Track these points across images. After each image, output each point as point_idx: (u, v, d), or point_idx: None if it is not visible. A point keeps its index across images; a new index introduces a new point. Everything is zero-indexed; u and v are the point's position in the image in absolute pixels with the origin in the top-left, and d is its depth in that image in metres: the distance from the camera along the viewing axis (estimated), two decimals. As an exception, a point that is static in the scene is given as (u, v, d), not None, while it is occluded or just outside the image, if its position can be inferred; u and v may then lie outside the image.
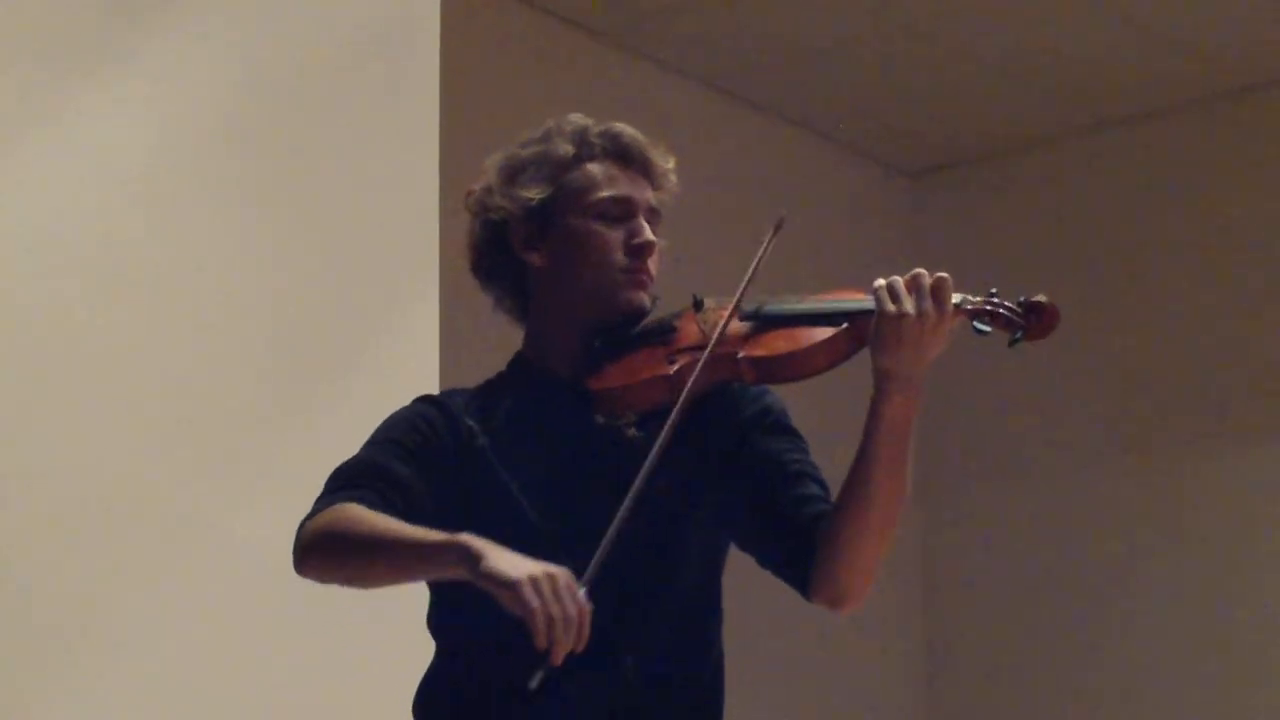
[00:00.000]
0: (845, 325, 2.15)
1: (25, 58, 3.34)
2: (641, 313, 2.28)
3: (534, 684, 1.98)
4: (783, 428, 2.30)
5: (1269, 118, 5.77)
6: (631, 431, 2.17)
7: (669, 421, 2.09)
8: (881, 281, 2.14)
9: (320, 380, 3.49)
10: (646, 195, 2.33)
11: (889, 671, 6.06)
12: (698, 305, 2.27)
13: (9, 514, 3.22)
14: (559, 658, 1.97)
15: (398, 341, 3.66)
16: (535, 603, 1.96)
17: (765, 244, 2.23)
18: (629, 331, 2.26)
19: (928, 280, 2.14)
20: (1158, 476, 5.84)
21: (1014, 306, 2.16)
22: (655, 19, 5.34)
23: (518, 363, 2.36)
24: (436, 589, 2.29)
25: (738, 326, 2.19)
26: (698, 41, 5.47)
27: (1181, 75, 5.70)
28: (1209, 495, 5.75)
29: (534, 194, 2.29)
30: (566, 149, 2.31)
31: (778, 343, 2.16)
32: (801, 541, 2.22)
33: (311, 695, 3.43)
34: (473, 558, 2.02)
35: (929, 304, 2.13)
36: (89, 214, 3.38)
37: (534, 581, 1.97)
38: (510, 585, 1.98)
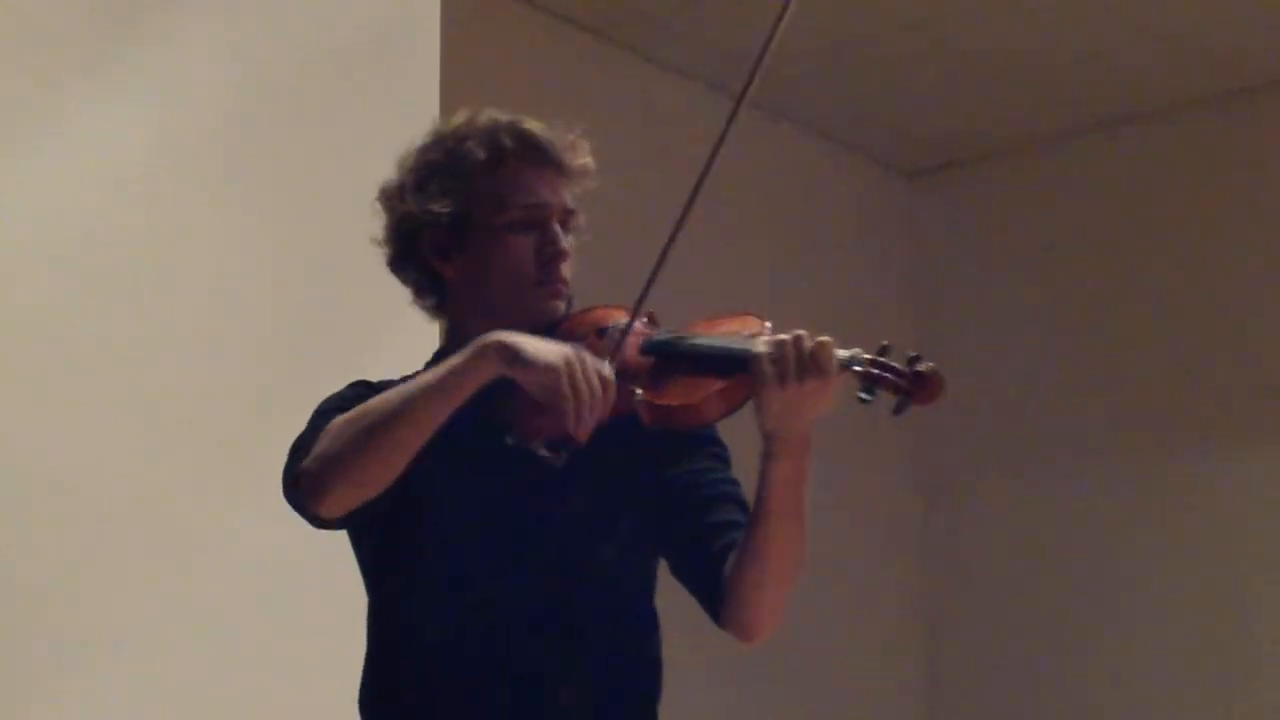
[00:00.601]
0: (739, 375, 2.10)
1: (25, 58, 3.35)
2: (552, 320, 2.26)
3: (559, 462, 2.03)
4: (703, 439, 2.28)
5: (1269, 118, 5.77)
6: (542, 452, 2.13)
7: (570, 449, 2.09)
8: (765, 349, 2.07)
9: (320, 380, 3.47)
10: (561, 196, 2.30)
11: (889, 671, 6.06)
12: (601, 333, 2.23)
13: (8, 513, 3.22)
14: (584, 437, 2.02)
15: (398, 342, 3.65)
16: (568, 389, 2.01)
17: (778, 21, 2.19)
18: None
19: (809, 345, 2.07)
20: (1157, 476, 5.84)
21: (900, 369, 2.09)
22: (655, 19, 5.34)
23: (437, 359, 2.34)
24: (377, 586, 2.29)
25: (640, 360, 2.16)
26: (698, 41, 5.47)
27: (1181, 75, 5.70)
28: (1208, 494, 5.74)
29: (443, 206, 2.27)
30: (478, 154, 2.27)
31: (674, 390, 2.13)
32: (712, 572, 2.22)
33: (311, 694, 3.43)
34: (510, 353, 2.05)
35: (810, 370, 2.06)
36: (89, 214, 3.38)
37: (570, 365, 2.02)
38: (550, 370, 2.02)
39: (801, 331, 2.09)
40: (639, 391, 2.13)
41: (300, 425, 2.36)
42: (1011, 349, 6.15)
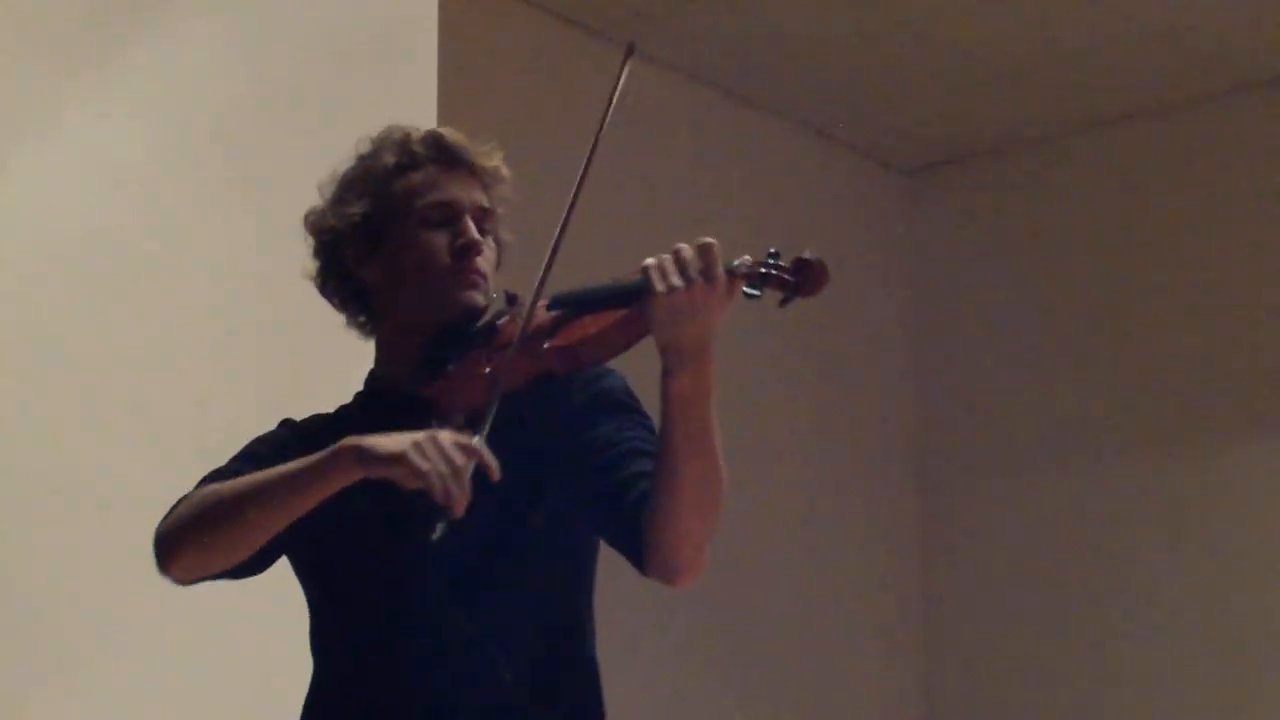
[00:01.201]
0: (637, 303, 2.13)
1: (25, 58, 3.35)
2: (474, 312, 2.29)
3: (436, 535, 2.03)
4: (619, 406, 2.28)
5: (1269, 118, 5.77)
6: (467, 433, 2.14)
7: (488, 418, 2.11)
8: (651, 260, 2.09)
9: (320, 381, 3.48)
10: (474, 196, 2.34)
11: (888, 669, 6.06)
12: (510, 300, 2.28)
13: (8, 514, 3.22)
14: (460, 509, 2.02)
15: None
16: (425, 465, 2.01)
17: (619, 74, 2.18)
18: (462, 334, 2.27)
19: (690, 252, 2.08)
20: (1157, 475, 5.84)
21: (785, 265, 2.11)
22: (655, 19, 5.34)
23: (369, 378, 2.41)
24: (316, 609, 2.33)
25: (546, 318, 2.19)
26: (698, 41, 5.47)
27: (1181, 75, 5.70)
28: (1209, 494, 5.75)
29: (358, 209, 2.33)
30: (388, 160, 2.34)
31: (575, 330, 2.17)
32: (630, 521, 2.20)
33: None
34: (361, 453, 2.08)
35: (697, 276, 2.07)
36: (88, 214, 3.38)
37: (418, 448, 2.03)
38: (399, 460, 2.03)
39: (682, 244, 2.10)
40: (545, 344, 2.16)
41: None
42: (1011, 346, 6.15)
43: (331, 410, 2.42)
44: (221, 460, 2.42)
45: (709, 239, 2.09)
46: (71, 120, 3.39)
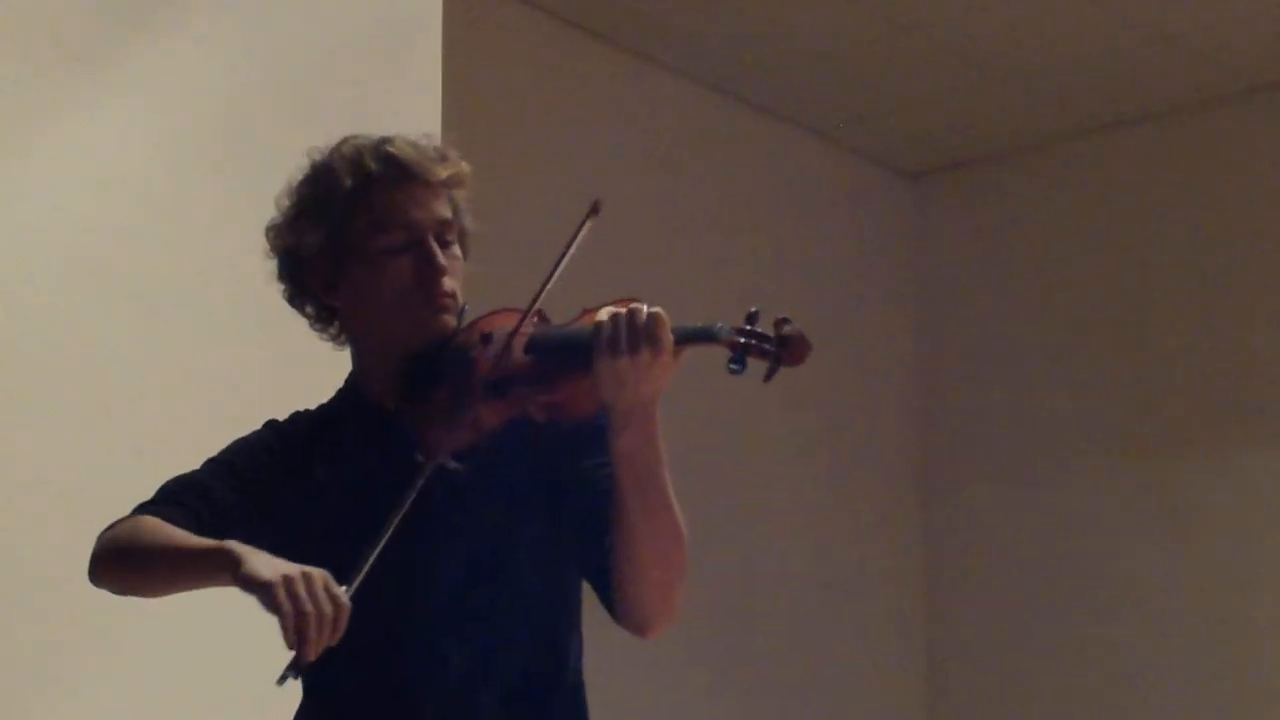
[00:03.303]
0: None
1: (26, 59, 3.35)
2: (445, 334, 2.25)
3: (280, 681, 2.01)
4: (605, 439, 2.22)
5: (1269, 118, 5.77)
6: (451, 465, 2.14)
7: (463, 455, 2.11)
8: (603, 316, 2.06)
9: (322, 382, 3.48)
10: (434, 210, 2.28)
11: (888, 672, 6.06)
12: (486, 340, 2.22)
13: (10, 515, 3.22)
14: (311, 655, 1.99)
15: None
16: (286, 603, 1.99)
17: (580, 225, 2.14)
18: (439, 353, 2.24)
19: (641, 318, 2.04)
20: (1158, 477, 5.84)
21: (764, 334, 2.06)
22: (655, 19, 5.35)
23: (350, 386, 2.38)
24: None
25: (524, 360, 2.16)
26: (698, 41, 5.48)
27: (1181, 75, 5.70)
28: (1209, 496, 5.75)
29: (317, 238, 2.28)
30: (345, 182, 2.28)
31: (557, 385, 2.13)
32: (604, 567, 2.19)
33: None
34: (233, 562, 2.04)
35: (643, 341, 2.04)
36: (89, 215, 3.38)
37: (288, 581, 1.99)
38: (264, 586, 2.00)
39: (639, 305, 2.06)
40: (524, 391, 2.13)
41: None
42: (1015, 350, 6.15)
43: (315, 408, 2.41)
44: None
45: (657, 309, 2.05)
46: (74, 120, 3.39)
